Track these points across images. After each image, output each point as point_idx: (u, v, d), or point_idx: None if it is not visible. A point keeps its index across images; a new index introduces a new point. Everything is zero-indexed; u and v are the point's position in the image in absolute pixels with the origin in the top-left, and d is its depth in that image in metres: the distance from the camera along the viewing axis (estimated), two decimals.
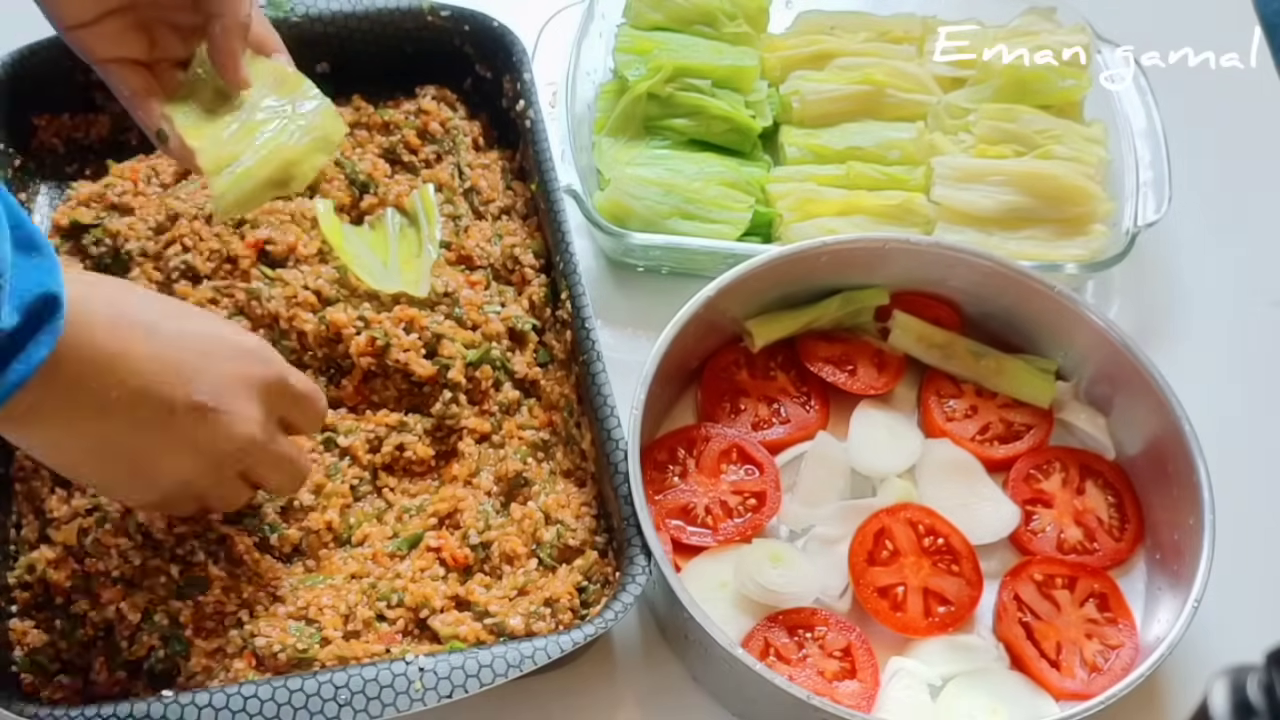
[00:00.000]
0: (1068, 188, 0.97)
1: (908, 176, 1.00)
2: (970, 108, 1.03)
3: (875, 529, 0.82)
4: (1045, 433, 0.89)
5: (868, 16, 1.10)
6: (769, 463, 0.85)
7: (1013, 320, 0.91)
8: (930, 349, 0.91)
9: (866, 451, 0.87)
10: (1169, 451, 0.82)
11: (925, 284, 0.92)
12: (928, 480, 0.86)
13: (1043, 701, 0.78)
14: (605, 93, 1.03)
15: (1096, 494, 0.87)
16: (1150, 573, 0.84)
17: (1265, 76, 1.12)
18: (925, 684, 0.78)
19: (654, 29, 1.05)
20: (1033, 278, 0.88)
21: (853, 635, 0.79)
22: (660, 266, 0.96)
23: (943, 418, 0.89)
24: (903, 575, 0.81)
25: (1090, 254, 0.95)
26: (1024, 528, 0.85)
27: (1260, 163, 1.09)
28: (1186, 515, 0.80)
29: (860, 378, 0.90)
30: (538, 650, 0.69)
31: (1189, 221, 1.02)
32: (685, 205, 0.95)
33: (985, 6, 1.08)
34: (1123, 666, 0.78)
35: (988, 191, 0.98)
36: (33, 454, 0.69)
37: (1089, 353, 0.88)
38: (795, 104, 1.03)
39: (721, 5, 1.05)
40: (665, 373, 0.82)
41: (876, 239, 0.90)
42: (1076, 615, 0.81)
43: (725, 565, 0.81)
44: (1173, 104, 1.02)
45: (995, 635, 0.81)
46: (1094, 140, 1.01)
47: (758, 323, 0.90)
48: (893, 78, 1.04)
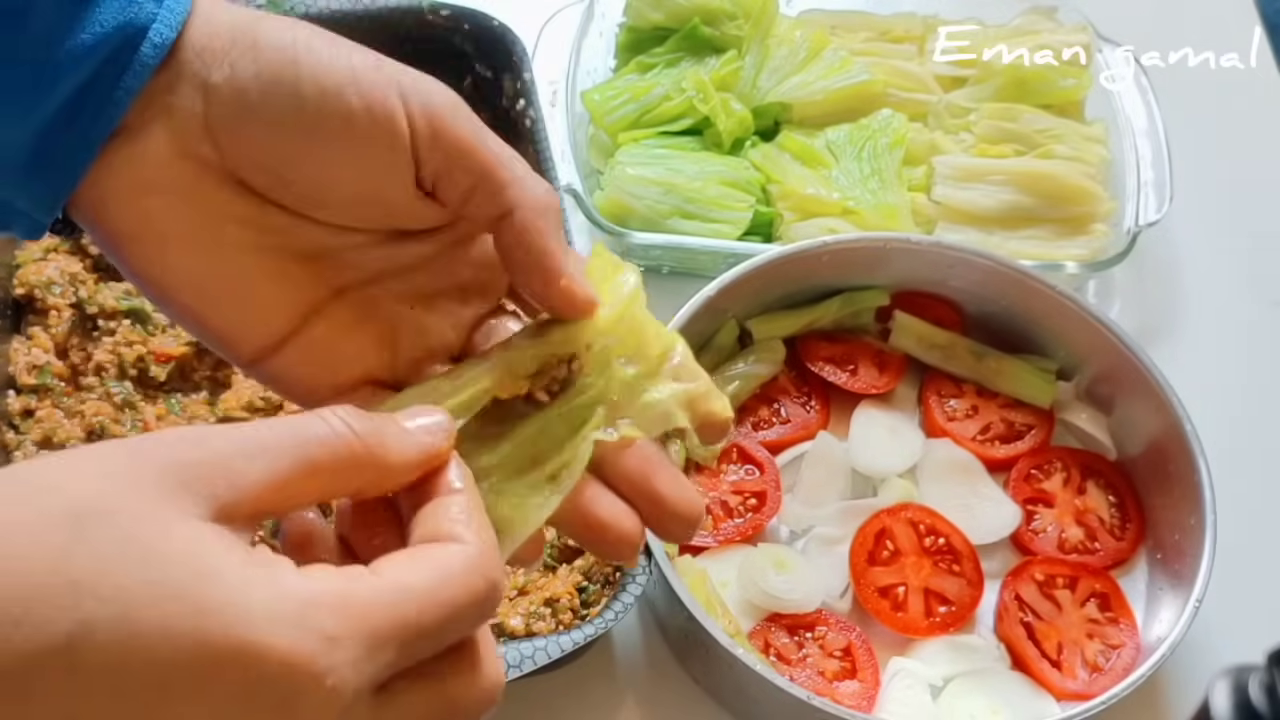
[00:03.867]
0: (1069, 187, 0.97)
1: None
2: (971, 107, 1.03)
3: (876, 529, 0.82)
4: (1046, 433, 0.89)
5: (868, 16, 1.10)
6: (769, 463, 0.85)
7: (1014, 320, 0.91)
8: (931, 349, 0.91)
9: (867, 451, 0.87)
10: (1170, 451, 0.82)
11: (926, 284, 0.92)
12: (928, 480, 0.86)
13: (1044, 702, 0.77)
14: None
15: (1098, 494, 0.86)
16: (1151, 572, 0.84)
17: (1265, 76, 1.11)
18: (926, 684, 0.78)
19: (654, 29, 1.05)
20: (1033, 277, 0.88)
21: (853, 635, 0.79)
22: (660, 266, 0.96)
23: (944, 418, 0.89)
24: (903, 575, 0.81)
25: (1091, 253, 0.95)
26: (1025, 528, 0.84)
27: (1260, 163, 1.09)
28: (1187, 515, 0.80)
29: (861, 377, 0.90)
30: (538, 650, 0.69)
31: (1190, 221, 1.02)
32: (686, 205, 0.95)
33: (986, 6, 1.08)
34: (1124, 666, 0.78)
35: (988, 191, 0.97)
36: None
37: (1090, 353, 0.88)
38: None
39: (722, 5, 1.04)
40: None
41: (876, 239, 0.90)
42: (1078, 615, 0.81)
43: (726, 565, 0.80)
44: (1173, 104, 1.02)
45: (996, 635, 0.81)
46: (1095, 140, 1.01)
47: (758, 322, 0.90)
48: (893, 77, 1.04)
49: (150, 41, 0.44)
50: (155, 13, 0.45)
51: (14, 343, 0.83)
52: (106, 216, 0.46)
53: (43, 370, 0.82)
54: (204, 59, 0.45)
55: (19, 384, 0.81)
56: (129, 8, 0.44)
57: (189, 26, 0.45)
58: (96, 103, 0.44)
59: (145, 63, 0.44)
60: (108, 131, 0.45)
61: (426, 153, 0.45)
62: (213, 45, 0.45)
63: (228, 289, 0.47)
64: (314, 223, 0.47)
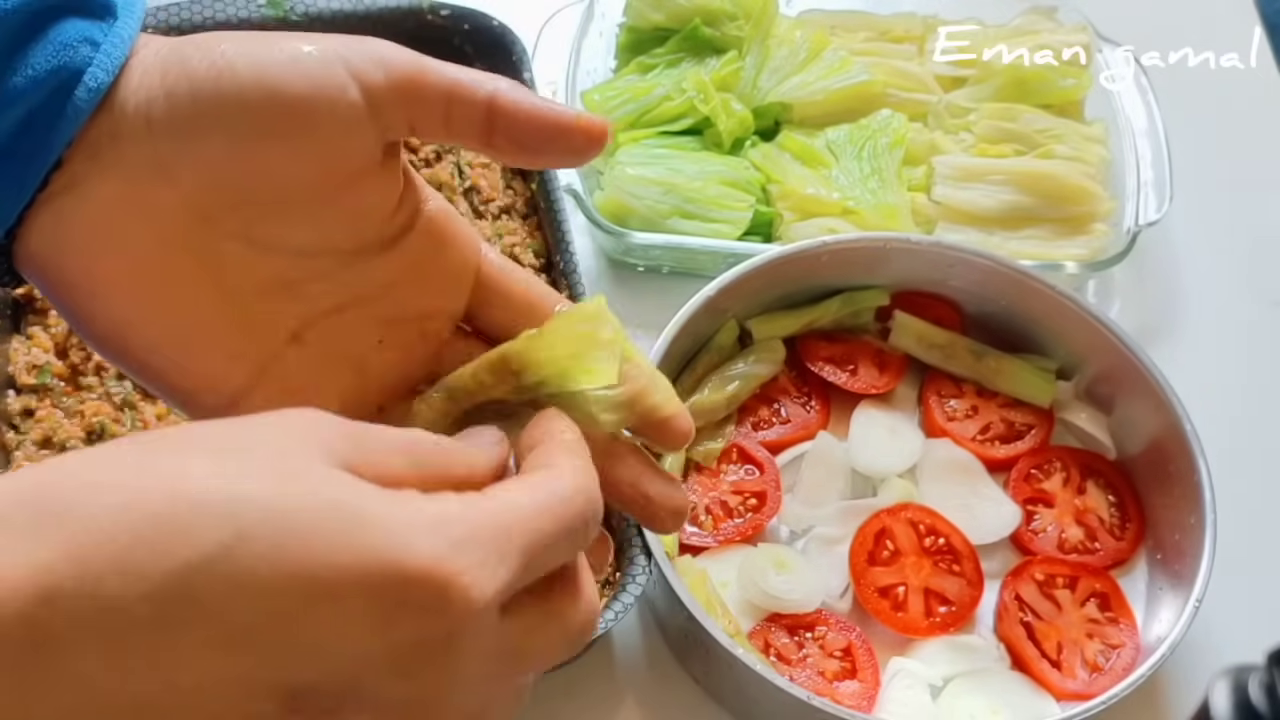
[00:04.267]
0: (1069, 187, 0.97)
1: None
2: (971, 107, 1.03)
3: (876, 529, 0.82)
4: (1046, 432, 0.89)
5: (868, 16, 1.10)
6: (769, 463, 0.85)
7: (1013, 320, 0.91)
8: (931, 349, 0.91)
9: (867, 451, 0.87)
10: (1170, 451, 0.82)
11: (926, 284, 0.92)
12: (928, 480, 0.86)
13: (1044, 702, 0.77)
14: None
15: (1097, 494, 0.86)
16: (1151, 572, 0.84)
17: (1265, 76, 1.11)
18: (926, 684, 0.78)
19: (654, 29, 1.05)
20: (1033, 277, 0.88)
21: (853, 635, 0.79)
22: (660, 266, 0.96)
23: (943, 417, 0.89)
24: (903, 575, 0.81)
25: (1091, 253, 0.95)
26: (1025, 527, 0.84)
27: (1260, 163, 1.09)
28: (1187, 515, 0.80)
29: (861, 377, 0.90)
30: None
31: (1190, 221, 1.02)
32: (685, 205, 0.95)
33: (985, 6, 1.08)
34: (1124, 666, 0.78)
35: (988, 191, 0.97)
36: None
37: (1090, 352, 0.88)
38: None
39: (722, 6, 1.04)
40: (665, 372, 0.82)
41: (876, 239, 0.90)
42: (1078, 615, 0.81)
43: (726, 565, 0.80)
44: (1173, 104, 1.02)
45: (996, 635, 0.81)
46: (1095, 139, 1.01)
47: (758, 322, 0.90)
48: (893, 77, 1.04)
49: (85, 86, 0.44)
50: (91, 57, 0.44)
51: (14, 343, 0.83)
52: (55, 267, 0.45)
53: (43, 370, 0.82)
54: (140, 95, 0.44)
55: (19, 384, 0.81)
56: (63, 53, 0.44)
57: (125, 68, 0.45)
58: (29, 149, 0.43)
59: (79, 108, 0.43)
60: (39, 176, 0.44)
61: (389, 105, 0.45)
62: (147, 82, 0.44)
63: (187, 339, 0.46)
64: (274, 253, 0.47)
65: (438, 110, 0.46)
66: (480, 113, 0.46)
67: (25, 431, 0.80)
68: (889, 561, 0.81)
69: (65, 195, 0.44)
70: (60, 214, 0.44)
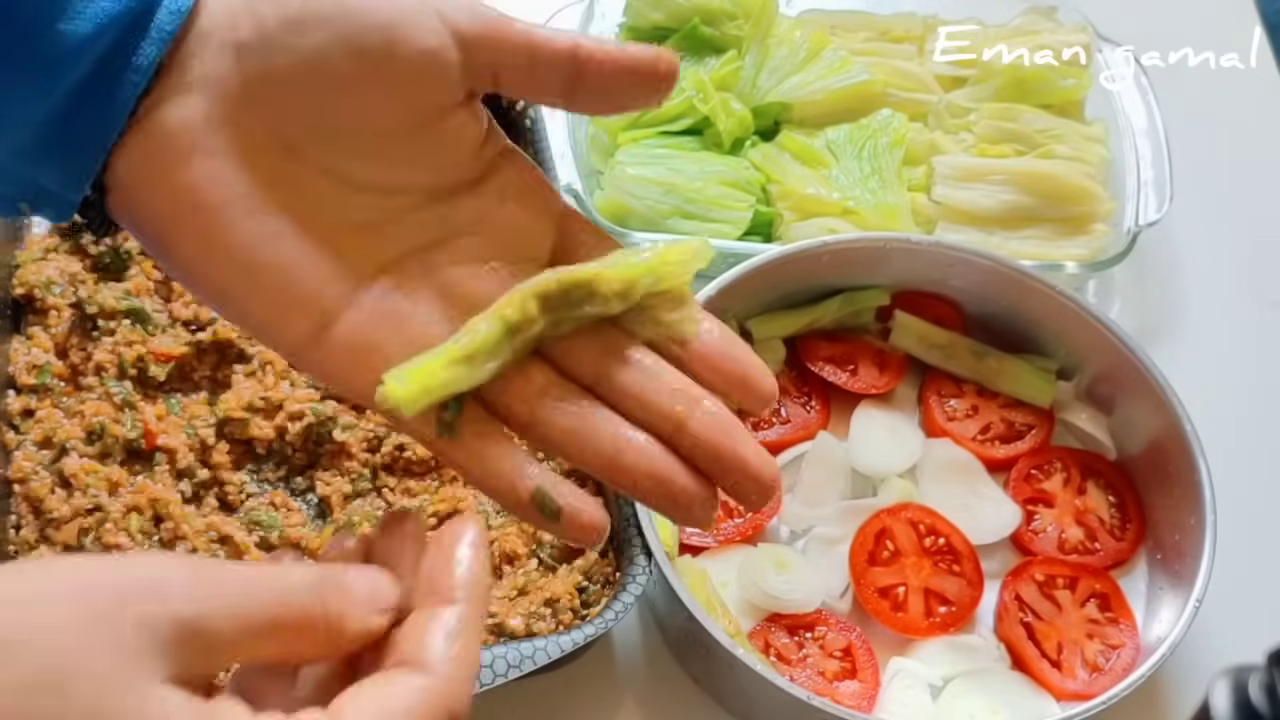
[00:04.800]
0: (1069, 187, 0.97)
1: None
2: (971, 107, 1.03)
3: (876, 529, 0.82)
4: (1046, 433, 0.89)
5: (868, 16, 1.10)
6: None
7: (1014, 320, 0.91)
8: (931, 349, 0.91)
9: (867, 451, 0.87)
10: (1170, 451, 0.82)
11: (926, 284, 0.92)
12: (929, 480, 0.86)
13: (1044, 702, 0.77)
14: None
15: (1098, 494, 0.86)
16: (1151, 573, 0.84)
17: (1265, 76, 1.11)
18: (926, 684, 0.78)
19: (654, 29, 1.05)
20: (1033, 277, 0.88)
21: (853, 635, 0.79)
22: None
23: (944, 417, 0.89)
24: (903, 575, 0.81)
25: (1091, 253, 0.95)
26: (1025, 528, 0.84)
27: (1260, 163, 1.09)
28: (1187, 515, 0.80)
29: (861, 377, 0.90)
30: (538, 650, 0.69)
31: (1190, 221, 1.02)
32: (685, 205, 0.95)
33: (986, 6, 1.08)
34: (1124, 666, 0.78)
35: (989, 191, 0.97)
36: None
37: (1090, 353, 0.88)
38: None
39: (722, 5, 1.04)
40: None
41: (876, 239, 0.90)
42: (1078, 615, 0.81)
43: (726, 565, 0.80)
44: (1173, 104, 1.02)
45: (996, 635, 0.81)
46: (1095, 139, 1.01)
47: (758, 322, 0.90)
48: (893, 77, 1.04)
49: (166, 9, 0.44)
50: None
51: (14, 343, 0.83)
52: (144, 198, 0.45)
53: (43, 370, 0.82)
54: (227, 18, 0.45)
55: (19, 384, 0.81)
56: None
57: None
58: (116, 73, 0.43)
59: (164, 29, 0.44)
60: (131, 100, 0.44)
61: (475, 48, 0.45)
62: (231, 4, 0.45)
63: (274, 268, 0.45)
64: (361, 191, 0.46)
65: (522, 59, 0.46)
66: (564, 60, 0.45)
67: (25, 431, 0.80)
68: (889, 561, 0.81)
69: (153, 115, 0.44)
70: (149, 134, 0.44)
